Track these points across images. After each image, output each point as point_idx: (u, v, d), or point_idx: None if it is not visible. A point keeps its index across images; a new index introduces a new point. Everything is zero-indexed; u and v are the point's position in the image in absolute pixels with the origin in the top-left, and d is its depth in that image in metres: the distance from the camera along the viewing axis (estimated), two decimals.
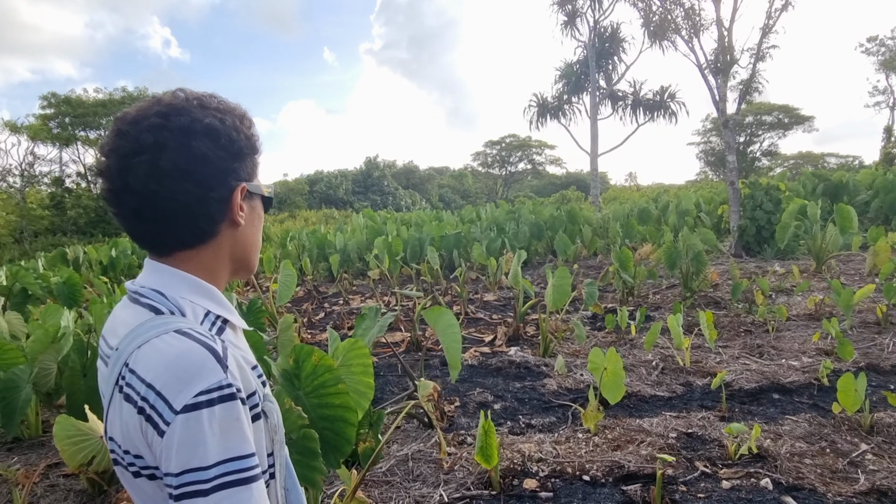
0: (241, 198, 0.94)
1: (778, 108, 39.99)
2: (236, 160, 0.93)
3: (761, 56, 10.95)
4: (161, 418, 0.77)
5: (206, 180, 0.89)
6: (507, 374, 5.15)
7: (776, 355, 5.19)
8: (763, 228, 10.54)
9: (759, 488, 2.88)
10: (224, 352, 0.82)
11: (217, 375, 0.79)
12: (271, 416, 0.91)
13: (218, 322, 0.92)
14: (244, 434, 0.80)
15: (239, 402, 0.80)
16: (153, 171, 0.85)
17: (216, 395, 0.78)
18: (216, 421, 0.77)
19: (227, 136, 0.91)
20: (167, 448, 0.77)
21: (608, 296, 8.28)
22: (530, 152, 53.03)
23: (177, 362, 0.79)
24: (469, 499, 2.97)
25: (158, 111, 0.88)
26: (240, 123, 0.95)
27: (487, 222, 13.80)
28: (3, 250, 23.64)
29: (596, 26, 22.94)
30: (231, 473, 0.77)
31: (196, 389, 0.77)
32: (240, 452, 0.78)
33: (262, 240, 1.08)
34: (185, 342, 0.81)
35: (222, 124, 0.91)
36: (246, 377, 0.86)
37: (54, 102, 31.01)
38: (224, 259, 0.97)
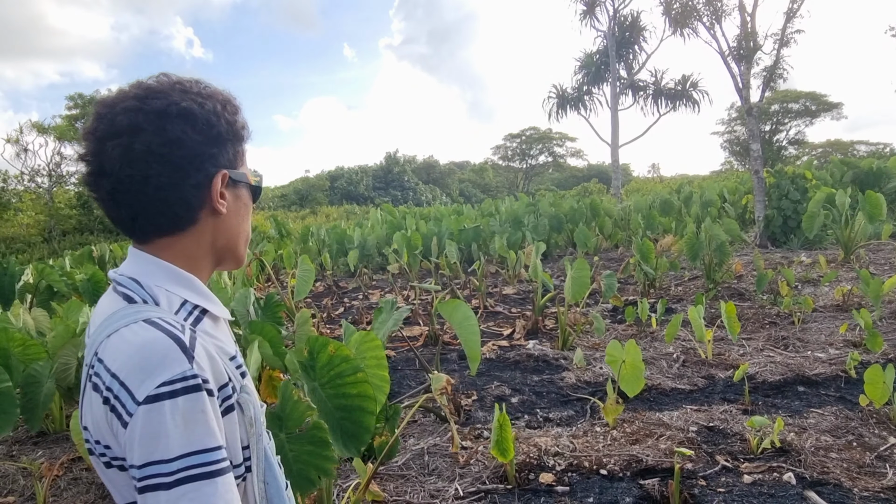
0: (223, 185, 0.91)
1: (805, 95, 39.14)
2: (214, 145, 0.90)
3: (785, 41, 10.71)
4: (124, 409, 0.75)
5: (181, 164, 0.86)
6: (525, 367, 5.11)
7: (802, 347, 5.07)
8: (789, 218, 10.32)
9: (781, 483, 2.81)
10: (192, 342, 0.80)
11: (181, 366, 0.76)
12: (247, 409, 0.88)
13: (195, 312, 0.90)
14: (209, 427, 0.77)
15: (205, 393, 0.78)
16: (127, 153, 0.83)
17: (180, 387, 0.75)
18: (179, 412, 0.75)
19: (206, 121, 0.88)
20: (130, 440, 0.75)
21: (629, 288, 8.18)
22: (551, 145, 52.61)
23: (140, 352, 0.77)
24: (484, 493, 2.95)
25: (136, 94, 0.86)
26: (221, 109, 0.91)
27: (506, 215, 13.72)
28: (32, 249, 24.15)
29: (616, 15, 22.65)
30: (195, 467, 0.74)
31: (159, 380, 0.75)
32: (204, 445, 0.76)
33: (251, 229, 1.04)
34: (150, 332, 0.79)
35: (201, 108, 0.88)
36: (218, 368, 0.83)
37: (80, 103, 31.50)
38: (205, 248, 0.94)
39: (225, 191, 0.93)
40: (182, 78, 0.92)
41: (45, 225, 28.56)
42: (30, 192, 31.11)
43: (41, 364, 3.39)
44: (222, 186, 0.92)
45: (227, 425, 0.83)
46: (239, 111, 0.97)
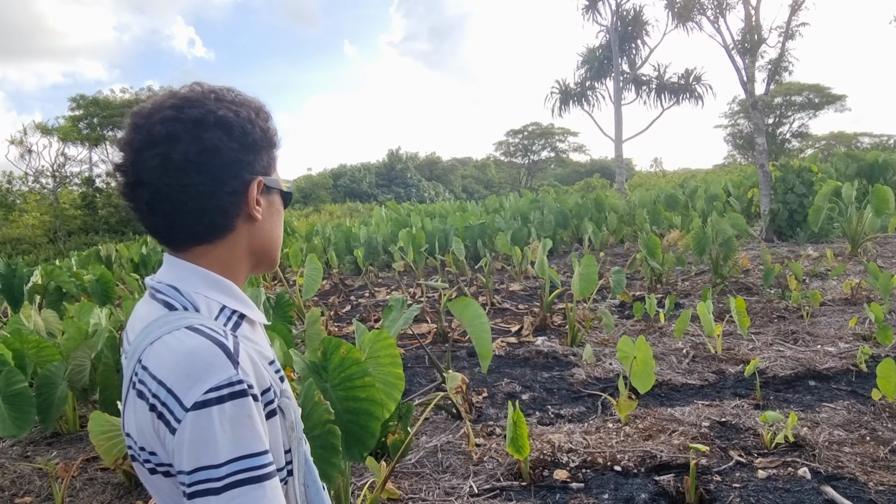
0: (258, 192, 0.93)
1: (808, 87, 39.00)
2: (250, 153, 0.91)
3: (790, 34, 10.67)
4: (172, 416, 0.76)
5: (218, 173, 0.87)
6: (534, 364, 5.12)
7: (811, 341, 5.07)
8: (795, 212, 10.30)
9: (796, 478, 2.81)
10: (235, 347, 0.81)
11: (227, 372, 0.77)
12: (288, 413, 0.89)
13: (234, 317, 0.91)
14: (256, 431, 0.78)
15: (251, 398, 0.79)
16: (165, 163, 0.84)
17: (226, 392, 0.76)
18: (227, 418, 0.76)
19: (241, 129, 0.89)
20: (178, 446, 0.76)
21: (636, 283, 8.18)
22: (553, 140, 52.53)
23: (187, 359, 0.78)
24: (499, 490, 2.96)
25: (173, 104, 0.87)
26: (255, 116, 0.93)
27: (512, 212, 13.72)
28: (38, 250, 24.24)
29: (618, 9, 22.57)
30: (243, 471, 0.75)
31: (206, 386, 0.76)
32: (252, 450, 0.77)
33: (283, 234, 1.06)
34: (195, 338, 0.80)
35: (236, 116, 0.89)
36: (260, 373, 0.85)
37: (83, 104, 31.60)
38: (242, 254, 0.95)
39: (260, 197, 0.94)
40: (215, 86, 0.93)
41: (50, 226, 28.65)
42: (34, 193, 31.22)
43: (55, 365, 3.41)
44: (258, 193, 0.93)
45: (271, 429, 0.84)
46: (270, 118, 0.98)
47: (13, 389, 2.99)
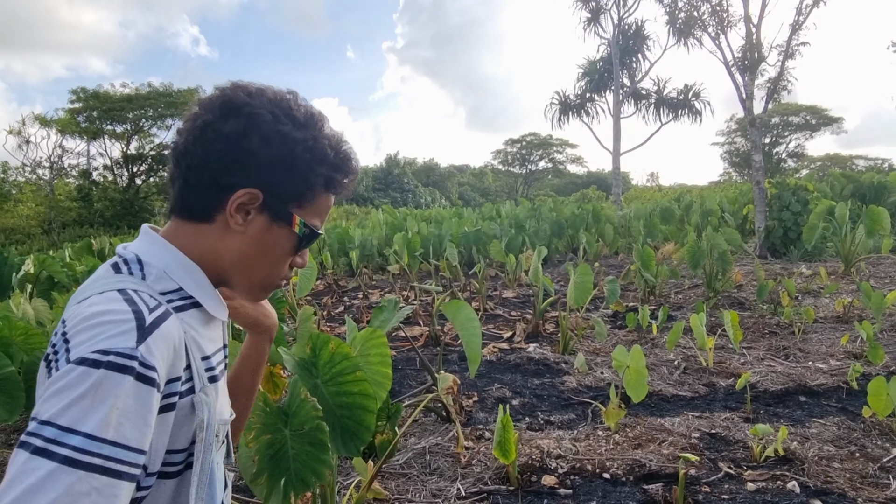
0: (252, 205, 0.87)
1: (805, 108, 39.33)
2: (263, 163, 0.86)
3: (790, 53, 10.74)
4: (56, 364, 0.70)
5: (211, 158, 0.85)
6: (525, 370, 5.10)
7: (803, 357, 5.07)
8: (790, 229, 10.34)
9: (785, 491, 2.80)
10: (155, 323, 0.74)
11: (127, 343, 0.70)
12: (199, 410, 0.81)
13: (183, 302, 0.86)
14: (133, 420, 0.69)
15: (139, 382, 0.70)
16: (188, 127, 0.87)
17: (114, 361, 0.68)
18: (100, 388, 0.67)
19: (267, 137, 0.86)
20: (45, 391, 0.68)
21: (629, 295, 8.18)
22: (551, 151, 52.72)
23: (96, 317, 0.72)
24: (486, 493, 2.93)
25: (245, 89, 0.89)
26: (311, 142, 0.88)
27: (508, 219, 13.73)
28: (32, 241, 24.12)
29: (620, 23, 22.72)
30: (98, 457, 0.66)
31: (99, 346, 0.69)
32: (120, 440, 0.67)
33: (278, 278, 0.96)
34: (116, 302, 0.74)
35: (275, 122, 0.86)
36: (174, 362, 0.77)
37: (83, 97, 31.51)
38: (211, 253, 0.89)
39: (254, 212, 0.88)
40: (309, 107, 0.92)
41: (45, 217, 28.53)
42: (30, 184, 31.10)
43: (42, 352, 3.38)
44: (250, 205, 0.87)
45: (159, 424, 0.76)
46: (343, 164, 0.93)
47: (1, 374, 2.96)
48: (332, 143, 0.91)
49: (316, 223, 0.93)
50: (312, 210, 0.92)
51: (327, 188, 0.93)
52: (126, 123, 32.47)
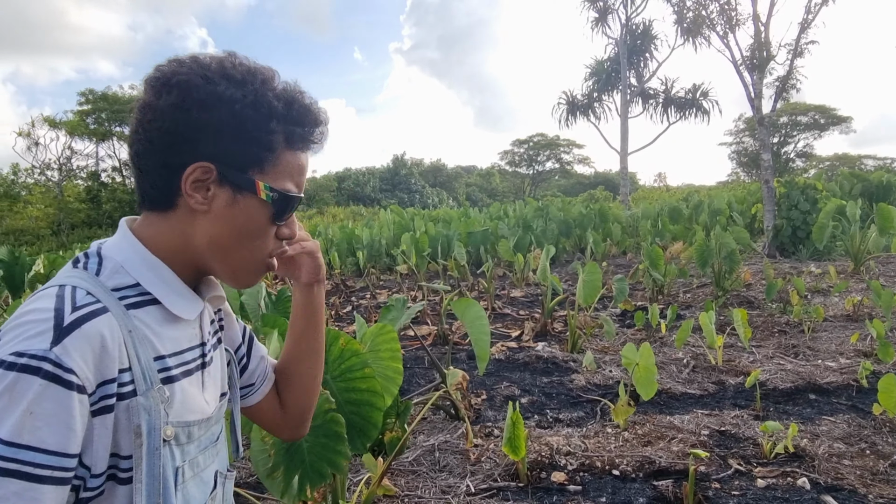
0: (211, 181, 0.81)
1: (814, 108, 39.09)
2: (203, 131, 0.79)
3: (799, 52, 10.70)
4: None
5: (153, 139, 0.80)
6: (534, 368, 5.10)
7: (812, 356, 5.05)
8: (799, 228, 10.30)
9: (795, 487, 2.79)
10: (74, 325, 0.70)
11: (40, 345, 0.67)
12: (135, 415, 0.75)
13: (138, 298, 0.81)
14: (48, 423, 0.66)
15: (50, 383, 0.67)
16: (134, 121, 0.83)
17: (25, 363, 0.66)
18: (10, 392, 0.65)
19: (201, 101, 0.79)
20: None
21: (637, 294, 8.17)
22: (558, 151, 52.61)
23: (22, 316, 0.71)
24: (496, 490, 2.94)
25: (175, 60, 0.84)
26: (245, 94, 0.81)
27: (515, 219, 13.73)
28: (41, 242, 24.29)
29: (628, 23, 22.67)
30: (14, 461, 0.65)
31: (14, 349, 0.67)
32: (32, 443, 0.65)
33: (264, 257, 0.88)
34: (47, 300, 0.73)
35: (206, 82, 0.80)
36: (104, 363, 0.72)
37: (92, 99, 31.73)
38: (181, 241, 0.84)
39: (213, 187, 0.82)
40: (223, 55, 0.84)
41: (53, 218, 28.73)
42: (39, 186, 31.31)
43: None
44: (207, 180, 0.81)
45: (98, 426, 0.72)
46: (301, 115, 0.85)
47: None
48: (283, 95, 0.84)
49: (287, 186, 0.85)
50: (279, 172, 0.84)
51: (289, 144, 0.85)
52: None
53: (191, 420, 0.83)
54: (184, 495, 0.81)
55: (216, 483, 0.89)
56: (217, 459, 0.91)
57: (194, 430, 0.84)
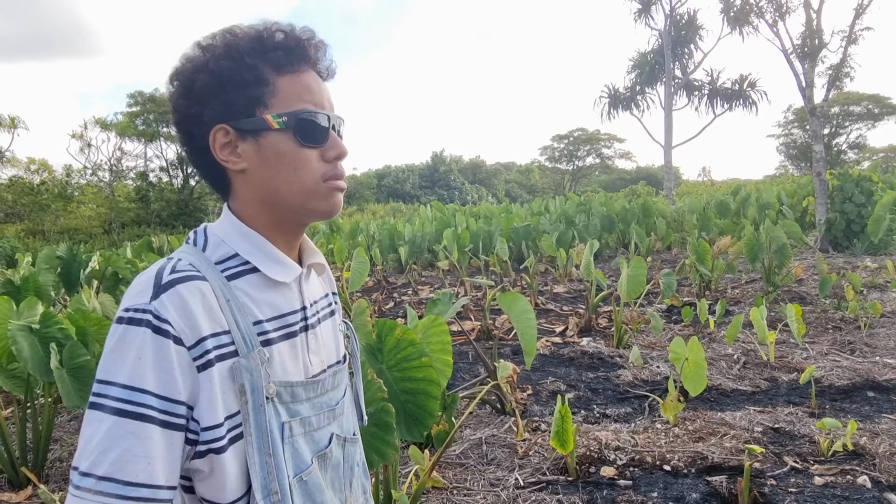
0: (234, 140, 0.86)
1: (867, 97, 37.61)
2: (197, 103, 0.86)
3: (853, 39, 10.32)
4: None
5: (181, 132, 0.90)
6: (579, 364, 5.07)
7: (869, 352, 4.89)
8: (853, 222, 9.95)
9: (856, 486, 2.71)
10: (170, 284, 0.78)
11: (142, 299, 0.77)
12: (238, 376, 0.81)
13: (238, 267, 0.87)
14: (151, 367, 0.75)
15: (151, 332, 0.75)
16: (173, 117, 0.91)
17: (130, 316, 0.76)
18: (121, 340, 0.76)
19: (189, 78, 0.86)
20: None
21: (683, 290, 8.02)
22: (599, 146, 51.91)
23: (134, 282, 0.81)
24: (545, 483, 2.94)
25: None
26: (222, 53, 0.85)
27: (557, 215, 13.62)
28: (94, 240, 25.11)
29: (672, 13, 22.22)
30: (128, 403, 0.74)
31: (124, 305, 0.78)
32: (139, 384, 0.74)
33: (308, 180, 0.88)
34: (154, 268, 0.82)
35: (190, 64, 0.87)
36: (198, 322, 0.78)
37: (140, 101, 32.62)
38: (255, 207, 0.89)
39: (238, 144, 0.86)
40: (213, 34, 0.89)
41: (105, 217, 29.69)
42: (92, 186, 32.39)
43: None
44: (229, 142, 0.86)
45: (204, 382, 0.78)
46: (271, 40, 0.86)
47: (77, 362, 3.10)
48: (250, 32, 0.87)
49: (297, 107, 0.86)
50: (282, 99, 0.86)
51: (278, 70, 0.86)
52: None
53: (293, 381, 0.88)
54: (292, 448, 0.86)
55: (330, 442, 0.94)
56: (335, 423, 0.96)
57: (298, 390, 0.88)
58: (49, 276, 6.47)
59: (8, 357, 3.12)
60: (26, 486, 3.15)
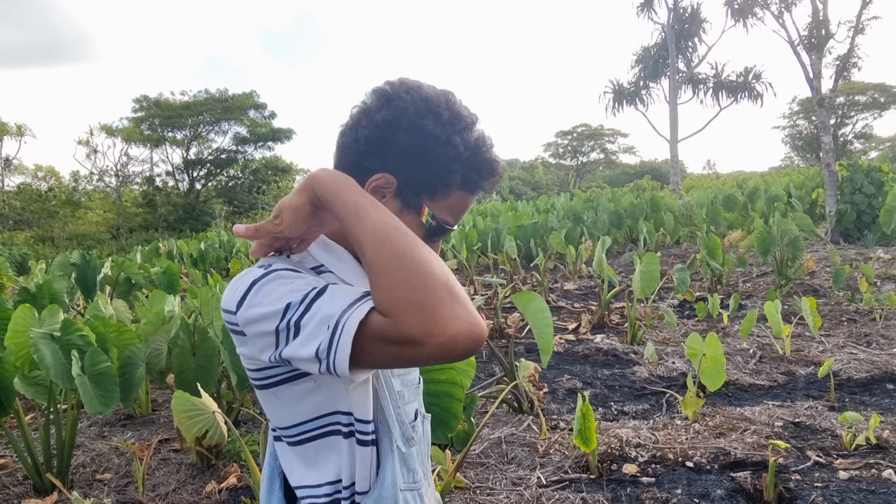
0: (389, 190, 0.93)
1: (873, 86, 37.40)
2: (398, 151, 0.92)
3: (861, 28, 10.26)
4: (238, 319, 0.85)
5: (367, 148, 0.93)
6: (594, 361, 5.06)
7: (887, 345, 4.87)
8: (863, 213, 9.91)
9: (881, 479, 2.70)
10: (275, 270, 0.85)
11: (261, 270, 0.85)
12: None
13: (325, 273, 0.94)
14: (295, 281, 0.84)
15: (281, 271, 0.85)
16: (358, 119, 0.96)
17: (264, 271, 0.84)
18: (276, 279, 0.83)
19: (414, 127, 0.91)
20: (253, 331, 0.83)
21: (695, 284, 7.99)
22: (603, 141, 51.84)
23: (237, 278, 0.87)
24: (568, 482, 2.94)
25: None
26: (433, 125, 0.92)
27: (564, 211, 13.60)
28: (102, 246, 25.25)
29: (675, 7, 22.14)
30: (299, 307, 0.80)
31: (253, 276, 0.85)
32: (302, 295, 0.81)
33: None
34: (249, 270, 0.88)
35: (418, 114, 0.92)
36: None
37: (145, 105, 32.75)
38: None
39: (388, 196, 0.93)
40: (455, 104, 0.96)
41: (113, 222, 29.82)
42: (99, 192, 32.54)
43: (137, 347, 3.56)
44: (385, 189, 0.93)
45: None
46: (482, 165, 0.96)
47: (98, 369, 3.12)
48: (471, 144, 0.94)
49: (447, 218, 0.96)
50: (445, 205, 0.96)
51: (463, 186, 0.96)
52: (185, 130, 33.59)
53: None
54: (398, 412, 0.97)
55: (416, 417, 1.02)
56: (417, 400, 1.05)
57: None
58: (63, 283, 6.51)
59: (29, 365, 3.14)
60: (52, 492, 3.17)
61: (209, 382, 3.51)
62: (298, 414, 0.90)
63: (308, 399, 0.89)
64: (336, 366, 0.75)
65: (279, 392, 0.89)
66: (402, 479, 0.94)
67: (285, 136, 34.63)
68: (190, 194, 33.54)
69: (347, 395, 0.88)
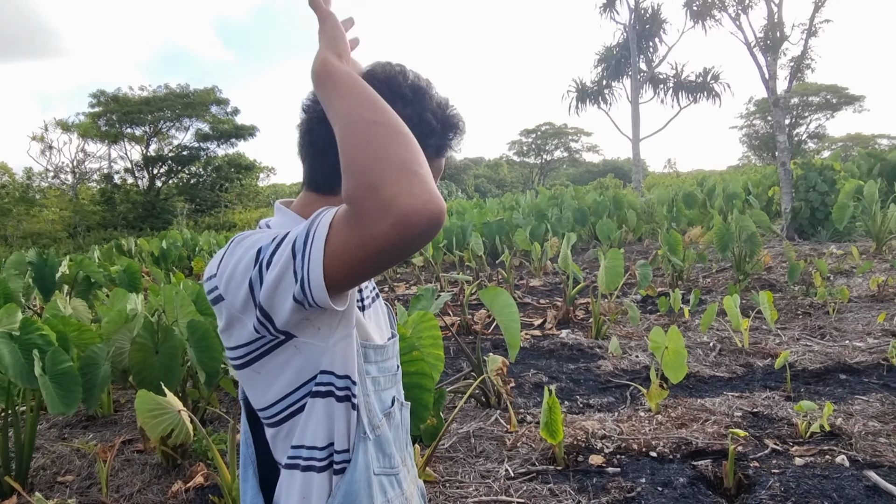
0: None
1: (825, 88, 38.64)
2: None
3: (814, 31, 10.60)
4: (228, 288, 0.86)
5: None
6: (560, 355, 5.14)
7: (839, 336, 5.05)
8: (817, 210, 10.24)
9: (835, 465, 2.82)
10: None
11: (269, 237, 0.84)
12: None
13: None
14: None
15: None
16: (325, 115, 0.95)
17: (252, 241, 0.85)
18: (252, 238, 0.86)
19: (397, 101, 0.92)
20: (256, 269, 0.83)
21: (657, 280, 8.16)
22: (567, 140, 52.44)
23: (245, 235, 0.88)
24: (535, 473, 2.99)
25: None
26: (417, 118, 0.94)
27: (529, 209, 13.72)
28: (58, 244, 24.52)
29: (636, 7, 22.51)
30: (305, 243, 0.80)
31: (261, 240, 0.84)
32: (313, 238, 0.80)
33: None
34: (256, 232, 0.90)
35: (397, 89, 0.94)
36: None
37: (103, 101, 31.88)
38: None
39: None
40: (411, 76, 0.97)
41: (69, 221, 28.97)
42: (54, 189, 31.58)
43: (99, 347, 3.48)
44: None
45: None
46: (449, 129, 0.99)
47: (60, 369, 3.05)
48: (439, 113, 0.96)
49: None
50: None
51: (438, 154, 0.99)
52: (145, 126, 32.83)
53: (367, 343, 0.96)
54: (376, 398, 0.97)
55: (393, 404, 1.03)
56: (395, 388, 1.05)
57: (370, 352, 0.96)
58: (19, 282, 6.31)
59: None
60: (10, 495, 3.09)
61: (172, 381, 3.45)
62: (280, 387, 0.89)
63: (289, 368, 0.88)
64: (311, 274, 0.75)
65: (260, 367, 0.89)
66: (376, 464, 0.93)
67: (248, 133, 34.11)
68: (150, 192, 32.82)
69: (329, 352, 0.87)
